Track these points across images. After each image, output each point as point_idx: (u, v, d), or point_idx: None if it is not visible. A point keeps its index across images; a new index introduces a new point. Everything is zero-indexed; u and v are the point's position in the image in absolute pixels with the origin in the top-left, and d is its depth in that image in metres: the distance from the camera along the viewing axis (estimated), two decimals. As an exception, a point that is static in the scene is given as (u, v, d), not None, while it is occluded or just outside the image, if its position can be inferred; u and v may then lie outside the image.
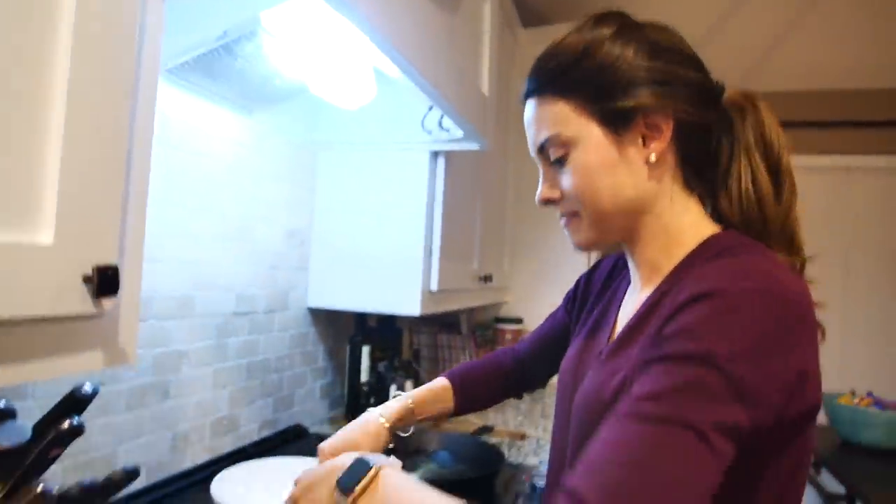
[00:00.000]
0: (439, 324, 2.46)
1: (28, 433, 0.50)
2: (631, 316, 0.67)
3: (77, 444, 0.99)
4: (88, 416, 1.01)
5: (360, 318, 1.83)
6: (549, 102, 0.67)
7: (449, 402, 0.97)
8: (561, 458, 0.73)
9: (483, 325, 2.65)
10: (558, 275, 2.53)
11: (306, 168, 1.65)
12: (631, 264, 0.73)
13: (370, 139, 1.56)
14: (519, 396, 1.06)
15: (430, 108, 1.37)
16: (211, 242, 1.30)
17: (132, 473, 0.53)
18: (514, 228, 2.60)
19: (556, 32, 0.70)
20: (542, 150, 0.69)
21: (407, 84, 1.08)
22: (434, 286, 1.60)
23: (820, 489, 1.76)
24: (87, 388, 0.51)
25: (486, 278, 2.06)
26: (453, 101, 1.22)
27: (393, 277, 1.58)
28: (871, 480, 1.62)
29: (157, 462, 1.17)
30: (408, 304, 1.57)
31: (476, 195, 1.99)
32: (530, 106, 0.70)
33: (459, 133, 1.41)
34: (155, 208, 1.14)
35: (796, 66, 2.70)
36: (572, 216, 0.69)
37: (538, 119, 0.68)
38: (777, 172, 0.64)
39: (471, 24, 1.56)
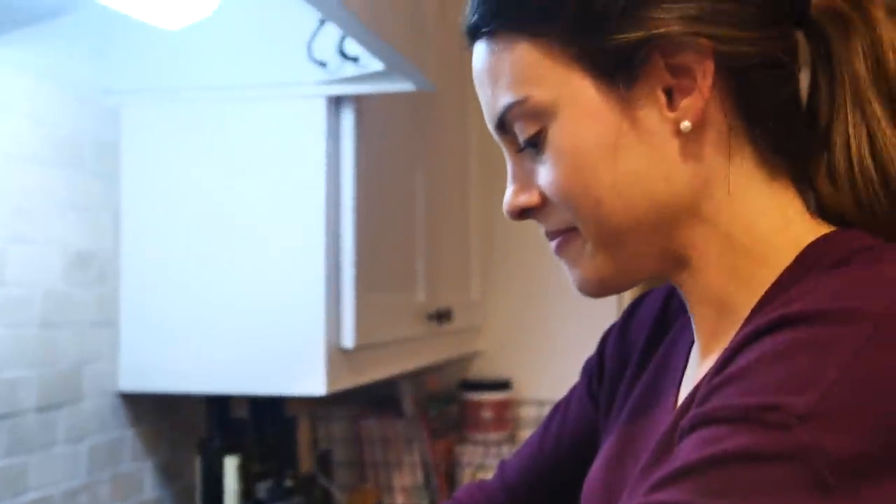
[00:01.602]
0: (363, 403, 2.45)
1: None
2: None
3: None
4: None
5: (219, 407, 1.82)
6: (507, 46, 0.68)
7: None
8: None
9: (441, 398, 2.66)
10: (566, 301, 2.51)
11: (102, 140, 1.60)
12: (689, 308, 0.74)
13: (213, 83, 1.56)
14: None
15: (322, 24, 1.36)
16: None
17: None
18: (483, 228, 2.59)
19: None
20: (502, 126, 0.71)
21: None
22: (348, 341, 1.61)
23: None
24: None
25: (442, 315, 2.07)
26: (362, 9, 1.20)
27: (274, 330, 1.57)
28: None
29: None
30: (304, 377, 1.57)
31: (415, 173, 2.00)
32: (479, 51, 0.71)
33: (377, 64, 1.40)
34: None
35: None
36: (566, 237, 0.70)
37: (492, 73, 0.70)
38: None
39: None
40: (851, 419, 0.48)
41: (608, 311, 0.86)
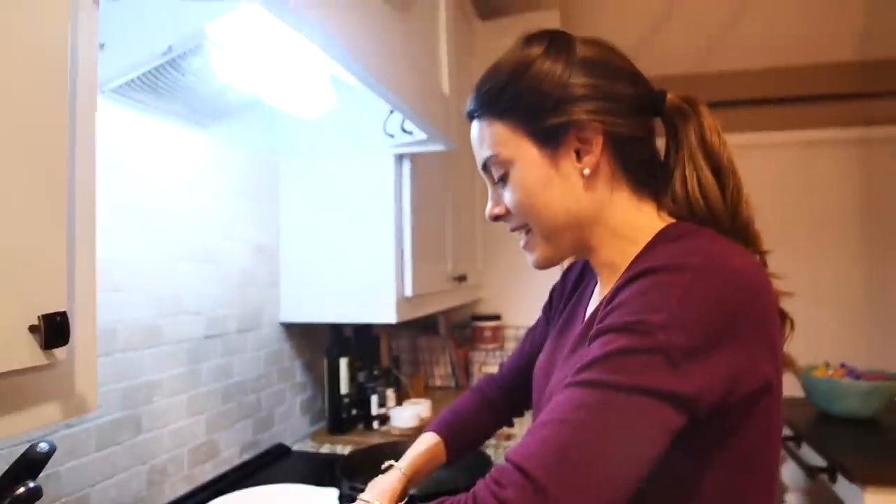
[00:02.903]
0: (417, 327, 2.45)
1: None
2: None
3: (47, 491, 0.94)
4: (57, 461, 0.96)
5: (336, 330, 1.80)
6: (488, 124, 0.69)
7: (442, 458, 0.93)
8: None
9: (461, 325, 2.64)
10: (529, 270, 2.52)
11: (269, 181, 1.61)
12: (594, 269, 0.74)
13: (332, 147, 1.53)
14: (510, 424, 1.02)
15: (392, 112, 1.35)
16: (175, 266, 1.25)
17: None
18: (484, 225, 2.59)
19: (514, 24, 0.70)
20: (485, 168, 0.71)
21: (365, 90, 1.06)
22: (409, 291, 1.58)
23: (801, 463, 1.78)
24: (44, 446, 0.47)
25: (461, 278, 2.05)
26: (413, 104, 1.20)
27: (366, 286, 1.56)
28: (851, 451, 1.65)
29: (133, 499, 1.13)
30: (384, 312, 1.54)
31: (445, 195, 1.97)
32: (474, 126, 0.72)
33: (422, 135, 1.39)
34: (111, 237, 1.09)
35: (752, 43, 2.73)
36: (527, 234, 0.71)
37: (480, 139, 0.70)
38: (719, 173, 0.64)
39: (426, 21, 1.54)
40: (686, 325, 0.49)
41: (555, 275, 0.87)
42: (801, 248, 2.78)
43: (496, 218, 0.73)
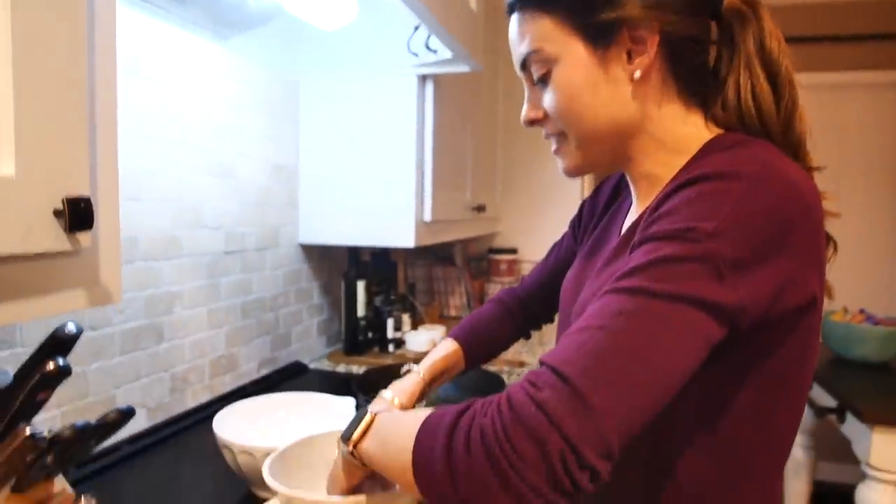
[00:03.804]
0: (433, 256, 2.46)
1: (9, 378, 0.47)
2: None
3: (74, 389, 0.98)
4: (83, 361, 1.00)
5: (354, 253, 1.81)
6: (531, 17, 0.63)
7: (461, 364, 0.93)
8: None
9: (477, 257, 2.65)
10: (551, 203, 2.51)
11: (289, 99, 1.58)
12: (631, 184, 0.71)
13: (354, 63, 1.49)
14: (527, 336, 1.03)
15: (416, 28, 1.30)
16: (194, 179, 1.25)
17: (127, 414, 0.51)
18: (505, 156, 2.55)
19: None
20: (524, 67, 0.66)
21: (390, 1, 1.01)
22: (427, 217, 1.58)
23: (811, 403, 1.80)
24: (71, 327, 0.48)
25: (480, 208, 2.04)
26: (440, 19, 1.15)
27: (385, 210, 1.55)
28: (862, 392, 1.66)
29: (157, 403, 1.17)
30: (402, 236, 1.54)
31: (466, 122, 1.93)
32: (513, 20, 0.66)
33: (448, 54, 1.35)
34: (131, 143, 1.08)
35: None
36: (560, 139, 0.67)
37: (521, 34, 0.65)
38: (776, 83, 0.60)
39: (456, -66, 1.46)
40: (735, 236, 0.47)
41: (571, 210, 0.85)
42: (827, 192, 2.71)
43: (532, 122, 0.68)
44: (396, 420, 0.56)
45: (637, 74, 0.60)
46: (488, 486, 0.42)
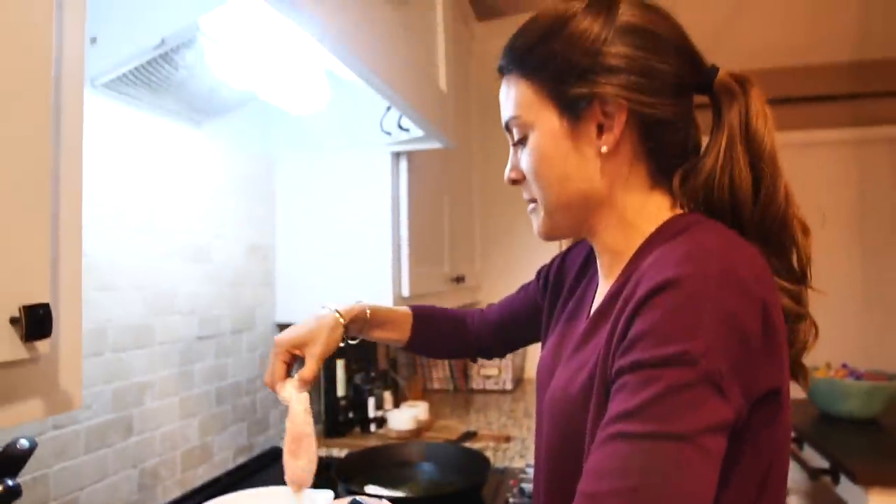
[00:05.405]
0: (414, 329, 2.42)
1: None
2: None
3: (33, 494, 0.92)
4: (45, 463, 0.94)
5: None
6: (515, 82, 0.65)
7: (405, 332, 0.96)
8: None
9: (459, 327, 2.61)
10: (529, 264, 2.48)
11: (264, 179, 1.59)
12: (597, 256, 0.70)
13: (328, 144, 1.51)
14: (474, 359, 1.06)
15: (388, 109, 1.34)
16: (167, 264, 1.23)
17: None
18: (483, 224, 2.57)
19: (511, 24, 0.68)
20: (507, 127, 0.68)
21: (362, 85, 1.04)
22: (405, 292, 1.57)
23: (803, 464, 1.77)
24: (24, 443, 0.45)
25: (459, 279, 2.04)
26: (411, 101, 1.18)
27: (363, 286, 1.54)
28: (853, 451, 1.64)
29: (124, 503, 1.10)
30: None
31: (442, 194, 1.95)
32: (503, 83, 0.68)
33: (420, 132, 1.38)
34: (102, 232, 1.07)
35: (748, 44, 2.72)
36: (535, 202, 0.68)
37: (506, 97, 0.67)
38: (757, 167, 0.59)
39: (423, 19, 1.52)
40: (721, 347, 0.46)
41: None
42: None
43: (513, 182, 0.69)
44: None
45: (604, 150, 0.60)
46: None
